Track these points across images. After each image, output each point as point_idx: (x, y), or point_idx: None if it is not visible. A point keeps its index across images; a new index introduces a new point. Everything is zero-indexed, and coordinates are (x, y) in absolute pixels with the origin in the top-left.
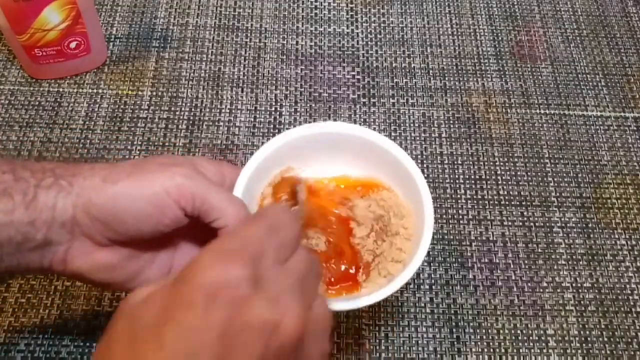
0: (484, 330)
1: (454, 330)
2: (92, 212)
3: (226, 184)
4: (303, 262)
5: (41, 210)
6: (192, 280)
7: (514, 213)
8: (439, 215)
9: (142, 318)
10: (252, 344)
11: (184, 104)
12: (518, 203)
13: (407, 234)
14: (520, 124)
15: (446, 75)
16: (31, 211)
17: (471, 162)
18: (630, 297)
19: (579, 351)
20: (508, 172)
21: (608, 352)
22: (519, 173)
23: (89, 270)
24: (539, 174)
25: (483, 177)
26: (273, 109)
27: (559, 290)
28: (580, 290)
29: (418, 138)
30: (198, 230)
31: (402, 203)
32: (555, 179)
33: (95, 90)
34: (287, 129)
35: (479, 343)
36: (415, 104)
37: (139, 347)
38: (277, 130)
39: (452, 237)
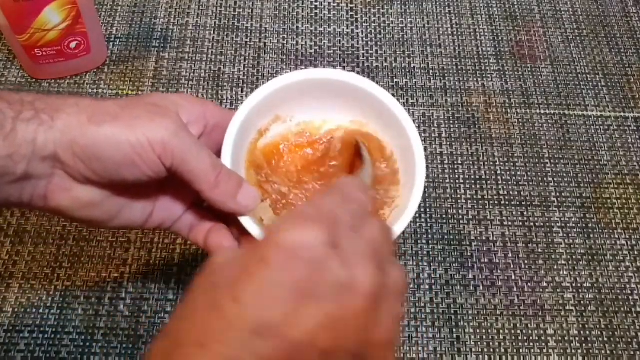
0: (484, 330)
1: (454, 330)
2: (75, 151)
3: (208, 127)
4: (376, 230)
5: (20, 144)
6: (271, 241)
7: (514, 213)
8: (439, 215)
9: (223, 274)
10: (325, 301)
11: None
12: (518, 203)
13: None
14: (520, 124)
15: (446, 75)
16: (9, 144)
17: (471, 162)
18: (630, 297)
19: (579, 351)
20: (508, 172)
21: (608, 352)
22: (519, 173)
23: (69, 207)
24: (539, 174)
25: (483, 177)
26: None
27: (559, 290)
28: (580, 290)
29: None
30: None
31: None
32: (555, 179)
33: (95, 90)
34: None
35: (479, 343)
36: (415, 104)
37: (217, 298)
38: None
39: (452, 237)
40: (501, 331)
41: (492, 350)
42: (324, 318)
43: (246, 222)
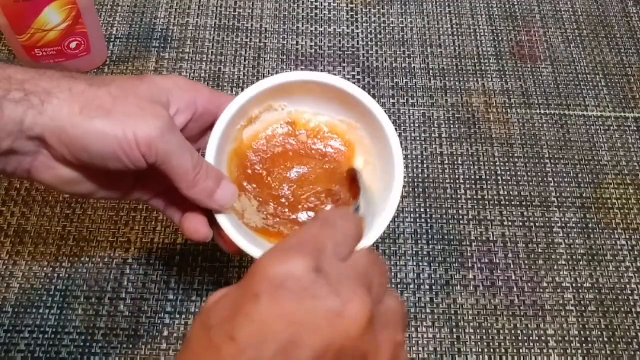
0: (484, 330)
1: (454, 330)
2: (62, 139)
3: (197, 113)
4: (364, 258)
5: (6, 122)
6: (257, 275)
7: (514, 213)
8: (439, 215)
9: (216, 314)
10: (320, 330)
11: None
12: (518, 203)
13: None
14: (520, 124)
15: (446, 75)
16: None
17: (471, 162)
18: (630, 297)
19: (579, 351)
20: (508, 172)
21: (608, 352)
22: (519, 173)
23: (52, 182)
24: (539, 174)
25: (483, 177)
26: None
27: (559, 290)
28: (580, 290)
29: (418, 138)
30: None
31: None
32: (555, 179)
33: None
34: None
35: (479, 343)
36: (415, 104)
37: (214, 339)
38: None
39: (452, 237)
40: (501, 331)
41: (492, 350)
42: (321, 347)
43: (221, 220)
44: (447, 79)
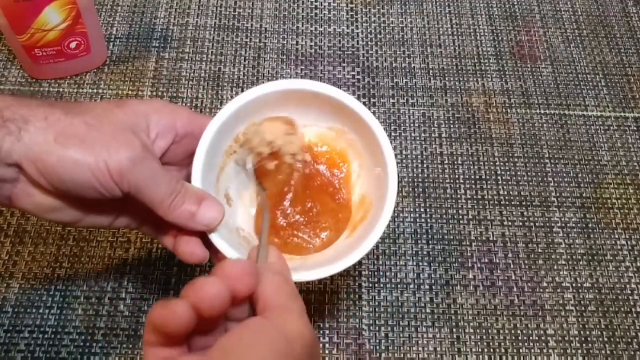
0: (484, 330)
1: (454, 330)
2: (38, 167)
3: (179, 135)
4: None
5: None
6: (276, 330)
7: (514, 213)
8: (439, 215)
9: None
10: None
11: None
12: (518, 203)
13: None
14: (520, 124)
15: (446, 75)
16: None
17: (471, 162)
18: (630, 297)
19: (579, 351)
20: (508, 172)
21: (608, 352)
22: (519, 173)
23: (33, 210)
24: (539, 174)
25: (483, 177)
26: None
27: (559, 290)
28: (580, 290)
29: (418, 138)
30: None
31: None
32: (555, 179)
33: (95, 91)
34: None
35: (479, 343)
36: (415, 104)
37: None
38: None
39: (452, 237)
40: (501, 331)
41: (492, 350)
42: None
43: (214, 239)
44: (447, 79)
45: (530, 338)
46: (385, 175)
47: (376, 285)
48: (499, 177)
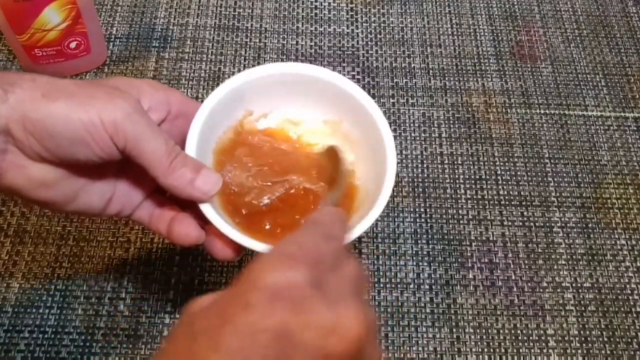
0: (484, 330)
1: (454, 330)
2: (26, 126)
3: (172, 114)
4: (355, 269)
5: None
6: (252, 282)
7: (514, 213)
8: (439, 215)
9: (202, 321)
10: (311, 347)
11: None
12: (518, 203)
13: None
14: (520, 124)
15: (446, 75)
16: None
17: (471, 162)
18: (630, 297)
19: (579, 351)
20: (508, 172)
21: (608, 352)
22: (519, 173)
23: (24, 185)
24: (539, 174)
25: (483, 177)
26: None
27: (559, 290)
28: (580, 290)
29: (418, 138)
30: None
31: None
32: (555, 179)
33: None
34: None
35: (479, 343)
36: (415, 104)
37: (195, 348)
38: None
39: (452, 237)
40: (501, 331)
41: (492, 350)
42: None
43: (207, 210)
44: (447, 79)
45: (530, 338)
46: (383, 157)
47: (376, 285)
48: (499, 177)
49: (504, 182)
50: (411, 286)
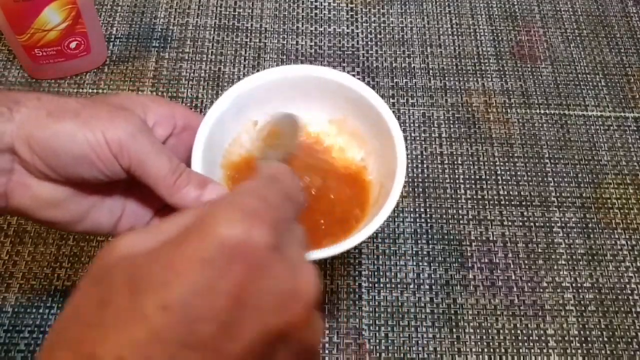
0: (484, 330)
1: (454, 330)
2: (31, 145)
3: (177, 127)
4: (302, 231)
5: None
6: (209, 234)
7: (514, 213)
8: (439, 215)
9: (147, 271)
10: (268, 313)
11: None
12: (518, 203)
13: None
14: (520, 124)
15: (446, 75)
16: None
17: (471, 162)
18: (630, 297)
19: (579, 351)
20: (508, 172)
21: (608, 352)
22: (519, 173)
23: (31, 206)
24: (539, 174)
25: (483, 177)
26: None
27: (559, 290)
28: (580, 290)
29: (418, 138)
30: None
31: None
32: (555, 179)
33: (95, 90)
34: None
35: (479, 343)
36: (415, 104)
37: (141, 304)
38: None
39: (452, 237)
40: (501, 331)
41: (492, 350)
42: (265, 331)
43: None
44: (447, 79)
45: (530, 338)
46: (393, 150)
47: (376, 285)
48: (499, 177)
49: (504, 182)
50: (411, 286)
